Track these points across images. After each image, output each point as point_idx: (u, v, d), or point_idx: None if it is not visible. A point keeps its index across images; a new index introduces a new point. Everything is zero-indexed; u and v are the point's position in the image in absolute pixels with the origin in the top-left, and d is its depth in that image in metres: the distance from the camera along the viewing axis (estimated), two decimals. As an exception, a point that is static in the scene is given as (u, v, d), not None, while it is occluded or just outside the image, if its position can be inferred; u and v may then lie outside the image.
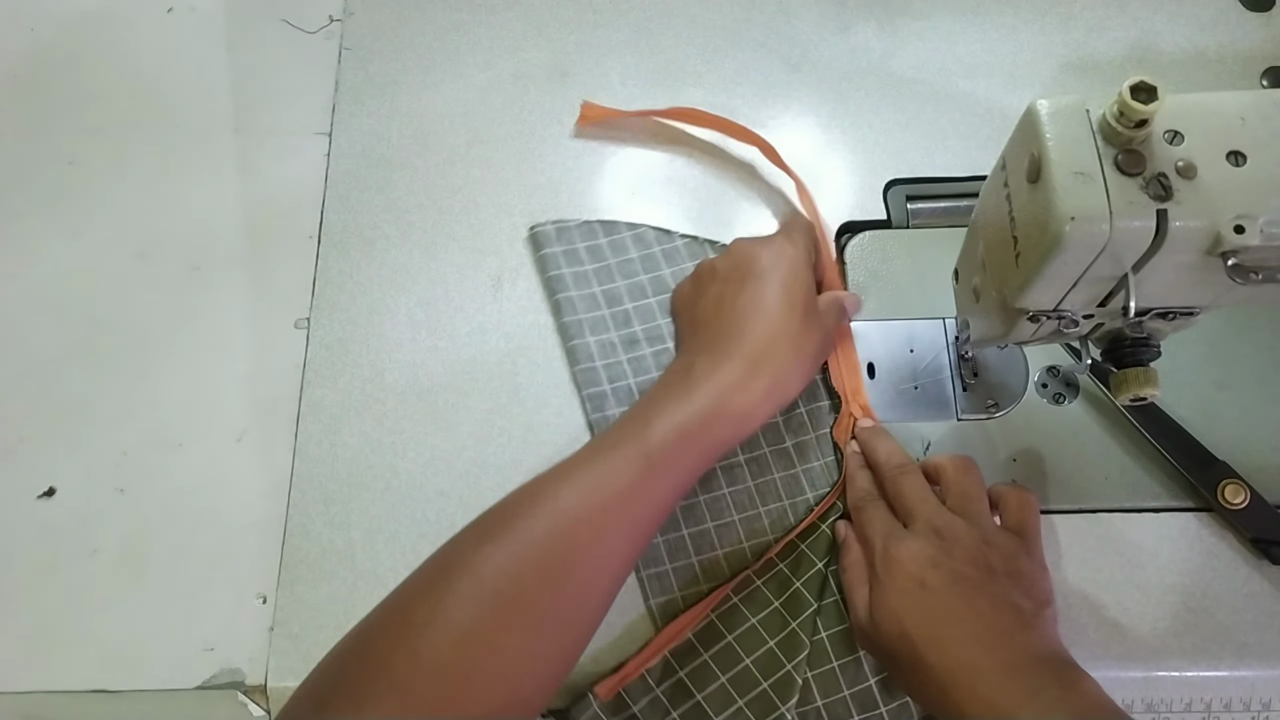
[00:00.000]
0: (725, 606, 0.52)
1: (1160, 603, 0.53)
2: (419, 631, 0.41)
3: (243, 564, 0.53)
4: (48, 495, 0.55)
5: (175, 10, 0.70)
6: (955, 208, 0.63)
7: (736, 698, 0.50)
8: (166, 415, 0.57)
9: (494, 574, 0.42)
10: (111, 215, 0.63)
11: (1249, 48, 0.67)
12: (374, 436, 0.56)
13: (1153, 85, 0.37)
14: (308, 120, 0.66)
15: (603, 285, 0.60)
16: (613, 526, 0.45)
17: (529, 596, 0.42)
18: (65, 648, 0.52)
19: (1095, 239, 0.38)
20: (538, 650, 0.43)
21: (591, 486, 0.45)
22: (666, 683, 0.50)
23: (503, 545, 0.43)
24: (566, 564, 0.43)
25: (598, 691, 0.50)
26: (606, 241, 0.61)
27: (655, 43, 0.68)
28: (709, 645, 0.51)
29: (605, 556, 0.45)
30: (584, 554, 0.44)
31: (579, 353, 0.58)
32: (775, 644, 0.50)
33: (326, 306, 0.60)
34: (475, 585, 0.42)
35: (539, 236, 0.61)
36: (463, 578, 0.42)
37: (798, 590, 0.51)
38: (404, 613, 0.42)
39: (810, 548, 0.52)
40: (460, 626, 0.41)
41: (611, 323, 0.59)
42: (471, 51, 0.68)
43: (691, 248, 0.61)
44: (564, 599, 0.43)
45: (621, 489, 0.45)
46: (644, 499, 0.46)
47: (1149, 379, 0.45)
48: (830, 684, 0.50)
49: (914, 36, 0.68)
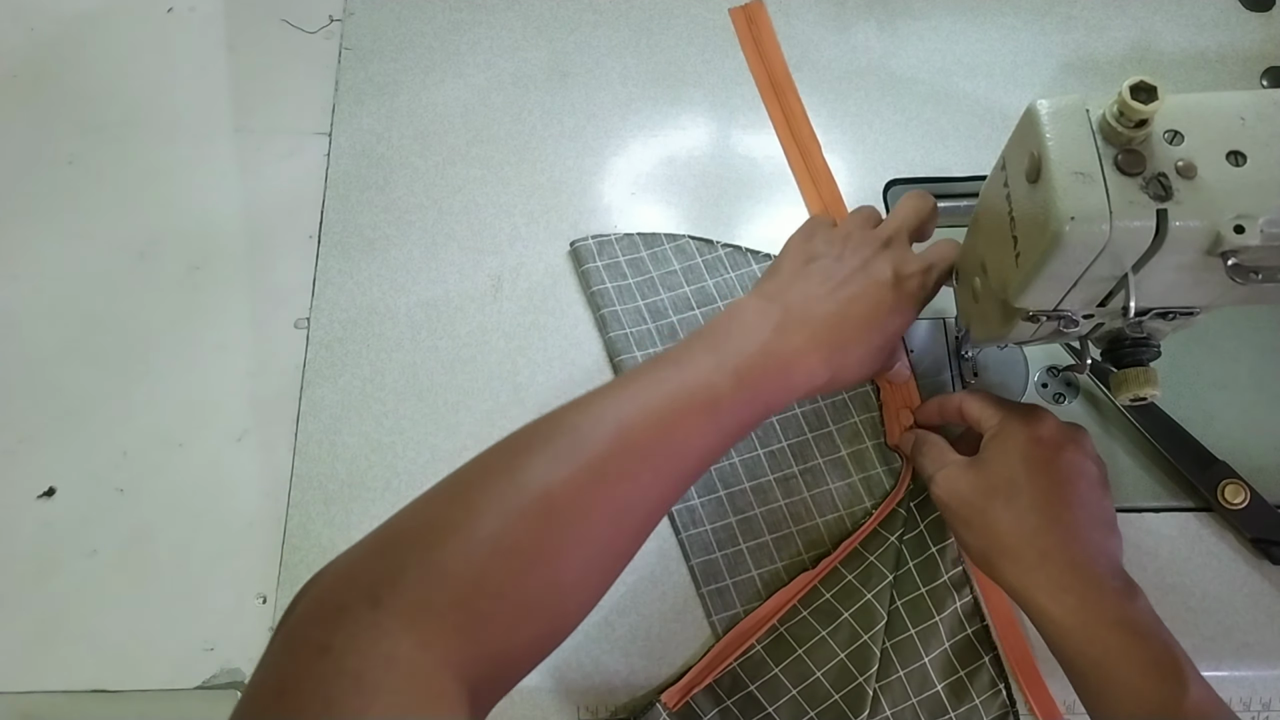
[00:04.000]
0: (794, 620, 0.52)
1: (1160, 603, 0.52)
2: (443, 538, 0.37)
3: (243, 564, 0.53)
4: (48, 495, 0.55)
5: (175, 10, 0.70)
6: (955, 208, 0.62)
7: (807, 709, 0.50)
8: (166, 415, 0.57)
9: (539, 482, 0.39)
10: (111, 215, 0.63)
11: (1249, 48, 0.67)
12: (374, 436, 0.56)
13: (1153, 85, 0.37)
14: (308, 120, 0.66)
15: (646, 299, 0.59)
16: (668, 449, 0.42)
17: (575, 508, 0.39)
18: (65, 648, 0.52)
19: (1095, 239, 0.38)
20: (578, 566, 0.39)
21: (655, 405, 0.42)
22: (737, 695, 0.51)
23: (550, 454, 0.40)
24: (617, 479, 0.40)
25: (665, 701, 0.50)
26: (648, 254, 0.61)
27: (655, 43, 0.68)
28: (779, 658, 0.51)
29: (655, 479, 0.42)
30: (633, 474, 0.41)
31: (625, 369, 0.58)
32: (846, 656, 0.51)
33: (326, 306, 0.60)
34: (516, 494, 0.38)
35: (580, 251, 0.61)
36: (505, 489, 0.39)
37: (869, 602, 0.51)
38: (429, 520, 0.39)
39: (879, 559, 0.52)
40: (493, 535, 0.37)
41: (657, 337, 0.59)
42: (471, 51, 0.68)
43: (734, 257, 0.61)
44: (607, 515, 0.40)
45: (694, 406, 0.42)
46: (707, 426, 0.43)
47: (1149, 379, 0.45)
48: (899, 694, 0.51)
49: (914, 36, 0.68)
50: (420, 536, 0.38)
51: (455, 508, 0.39)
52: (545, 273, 0.61)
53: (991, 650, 0.51)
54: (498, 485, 0.39)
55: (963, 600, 0.52)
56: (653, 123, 0.66)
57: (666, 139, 0.65)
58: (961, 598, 0.52)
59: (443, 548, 0.37)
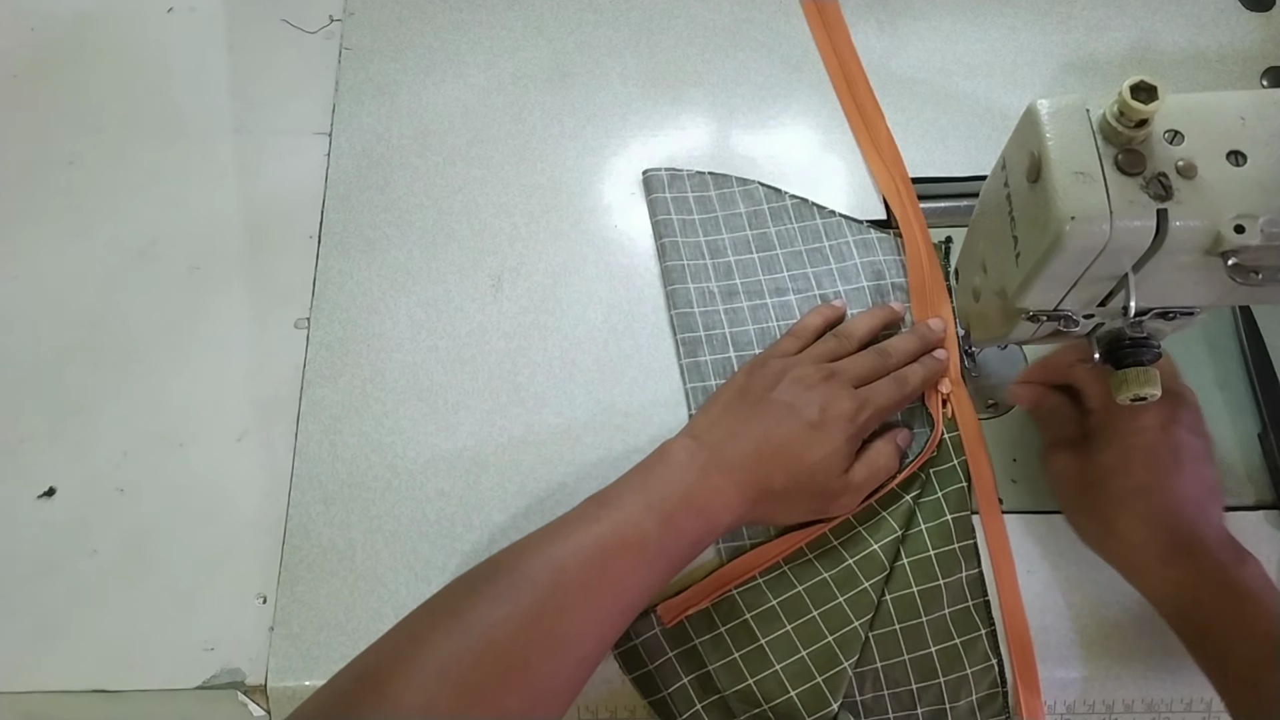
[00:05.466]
0: (799, 560, 0.52)
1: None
2: (393, 673, 0.40)
3: (243, 564, 0.53)
4: (48, 495, 0.55)
5: (175, 10, 0.70)
6: (955, 208, 0.63)
7: (800, 647, 0.50)
8: (166, 415, 0.57)
9: (482, 626, 0.41)
10: (111, 215, 0.63)
11: (1249, 48, 0.67)
12: (374, 436, 0.56)
13: (1153, 85, 0.37)
14: (308, 120, 0.66)
15: (707, 236, 0.61)
16: (603, 586, 0.44)
17: (514, 644, 0.41)
18: (65, 648, 0.52)
19: (1095, 239, 0.38)
20: (521, 700, 0.41)
21: (588, 544, 0.44)
22: (732, 622, 0.51)
23: (490, 595, 0.42)
24: (555, 615, 0.43)
25: (660, 614, 0.51)
26: (716, 194, 0.62)
27: (655, 43, 0.68)
28: (778, 592, 0.51)
29: (593, 614, 0.44)
30: (570, 609, 0.43)
31: (678, 297, 0.59)
32: (845, 600, 0.51)
33: (326, 306, 0.60)
34: (462, 633, 0.41)
35: (651, 180, 0.63)
36: (450, 627, 0.41)
37: (874, 552, 0.52)
38: (377, 667, 0.41)
39: (892, 515, 0.53)
40: (440, 671, 0.40)
41: (712, 272, 0.60)
42: (471, 51, 0.68)
43: (800, 209, 0.62)
44: (546, 650, 0.42)
45: (624, 545, 0.45)
46: (639, 564, 0.45)
47: (1149, 379, 0.45)
48: (891, 647, 0.51)
49: (914, 36, 0.68)
50: (373, 674, 0.41)
51: (404, 646, 0.42)
52: (545, 273, 0.61)
53: (990, 625, 0.51)
54: (444, 626, 0.42)
55: (969, 571, 0.52)
56: (653, 123, 0.66)
57: (666, 139, 0.65)
58: (969, 569, 0.52)
59: (393, 682, 0.39)
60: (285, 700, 0.50)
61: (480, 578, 0.44)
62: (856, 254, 0.60)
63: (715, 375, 0.57)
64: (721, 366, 0.57)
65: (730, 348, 0.58)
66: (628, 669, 0.51)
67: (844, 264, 0.60)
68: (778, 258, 0.61)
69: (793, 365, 0.52)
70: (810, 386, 0.51)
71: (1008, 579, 0.53)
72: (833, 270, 0.60)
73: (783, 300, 0.59)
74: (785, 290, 0.60)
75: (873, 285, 0.59)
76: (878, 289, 0.59)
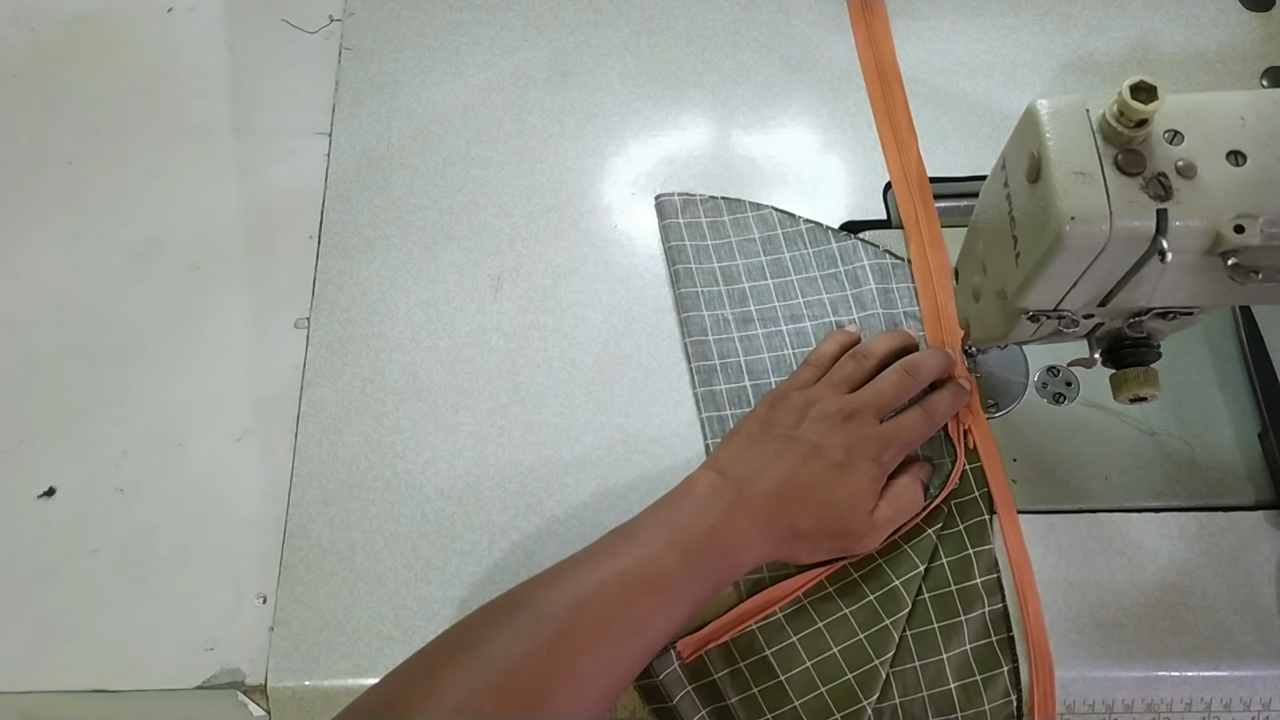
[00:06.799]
0: (820, 594, 0.52)
1: (1160, 603, 0.53)
2: (408, 708, 0.39)
3: (243, 564, 0.53)
4: (48, 495, 0.55)
5: (175, 10, 0.70)
6: (955, 208, 0.63)
7: (819, 683, 0.50)
8: (166, 415, 0.57)
9: (501, 661, 0.41)
10: (111, 215, 0.63)
11: (1249, 48, 0.67)
12: (374, 436, 0.56)
13: (1153, 85, 0.37)
14: (308, 120, 0.66)
15: (721, 262, 0.60)
16: (624, 623, 0.43)
17: (535, 681, 0.41)
18: (65, 648, 0.52)
19: (1095, 239, 0.38)
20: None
21: (610, 580, 0.44)
22: (751, 658, 0.51)
23: (510, 630, 0.42)
24: (575, 653, 0.42)
25: (680, 650, 0.50)
26: (730, 219, 0.62)
27: (655, 43, 0.68)
28: (798, 628, 0.51)
29: (614, 652, 0.43)
30: (592, 647, 0.42)
31: (692, 325, 0.58)
32: (865, 637, 0.50)
33: (326, 306, 0.60)
34: (480, 668, 0.40)
35: (664, 205, 0.62)
36: (469, 662, 0.41)
37: (895, 588, 0.51)
38: (394, 700, 0.41)
39: (914, 549, 0.52)
40: (457, 707, 0.39)
41: (726, 299, 0.59)
42: (471, 51, 0.68)
43: (814, 233, 0.61)
44: (567, 689, 0.42)
45: (646, 583, 0.44)
46: (661, 601, 0.45)
47: (1149, 379, 0.45)
48: (911, 684, 0.50)
49: (914, 36, 0.68)
50: (390, 707, 0.40)
51: (420, 680, 0.41)
52: (545, 273, 0.61)
53: (1013, 662, 0.51)
54: (462, 660, 0.41)
55: (992, 606, 0.52)
56: (653, 123, 0.66)
57: (666, 139, 0.65)
58: (991, 604, 0.52)
59: (411, 716, 0.39)
60: (285, 700, 0.50)
61: (499, 612, 0.43)
62: (872, 279, 0.59)
63: (730, 404, 0.56)
64: (737, 395, 0.57)
65: (745, 376, 0.57)
66: (647, 700, 0.50)
67: (859, 289, 0.59)
68: (792, 284, 0.60)
69: (816, 399, 0.52)
70: (835, 426, 0.50)
71: (1034, 611, 0.52)
72: (848, 296, 0.59)
73: (798, 327, 0.59)
74: (801, 317, 0.59)
75: (887, 313, 0.59)
76: (891, 317, 0.59)
